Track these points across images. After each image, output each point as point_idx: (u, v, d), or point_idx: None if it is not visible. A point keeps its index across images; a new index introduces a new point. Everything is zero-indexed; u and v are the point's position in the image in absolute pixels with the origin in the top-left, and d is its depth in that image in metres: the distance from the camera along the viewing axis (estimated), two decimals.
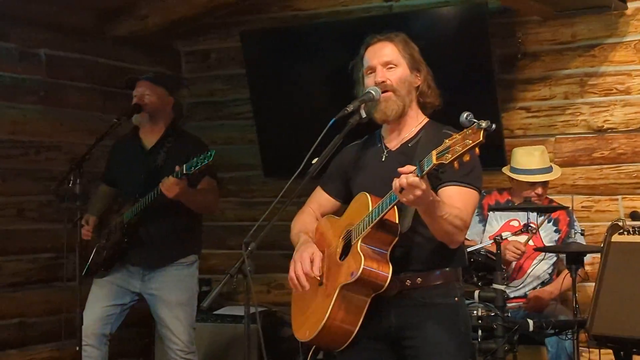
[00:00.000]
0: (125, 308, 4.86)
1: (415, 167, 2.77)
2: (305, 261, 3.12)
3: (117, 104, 5.90)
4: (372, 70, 3.21)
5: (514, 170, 5.10)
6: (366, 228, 3.02)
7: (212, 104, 6.74)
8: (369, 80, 3.21)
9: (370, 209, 3.04)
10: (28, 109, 5.66)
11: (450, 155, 2.67)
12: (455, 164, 2.69)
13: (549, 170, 5.10)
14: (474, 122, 2.65)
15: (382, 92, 3.15)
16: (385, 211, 2.96)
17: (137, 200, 4.66)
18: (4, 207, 5.53)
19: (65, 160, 5.62)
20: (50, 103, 5.78)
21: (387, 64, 3.19)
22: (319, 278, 3.13)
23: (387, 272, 3.00)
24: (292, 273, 3.14)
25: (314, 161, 3.05)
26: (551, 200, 5.19)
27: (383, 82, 3.16)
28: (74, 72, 5.93)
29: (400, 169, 2.81)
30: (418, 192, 2.76)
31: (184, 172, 4.36)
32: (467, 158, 2.68)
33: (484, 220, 5.18)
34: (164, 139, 4.83)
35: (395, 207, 2.96)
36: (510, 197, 5.17)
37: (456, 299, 3.19)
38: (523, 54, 5.68)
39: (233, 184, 6.62)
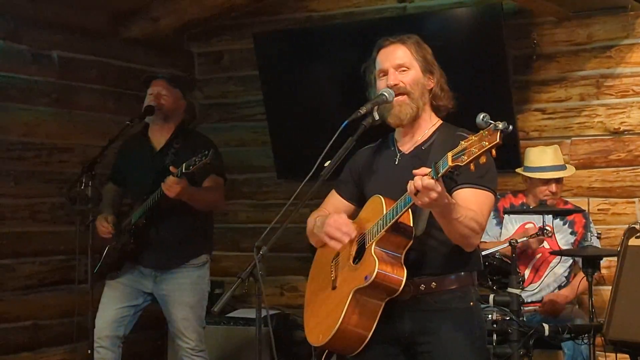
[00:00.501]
0: (138, 309, 4.86)
1: (430, 169, 2.74)
2: (339, 220, 3.08)
3: (129, 105, 5.91)
4: (385, 73, 3.18)
5: (527, 169, 5.08)
6: (380, 231, 2.99)
7: (225, 105, 6.72)
8: (382, 83, 3.18)
9: (385, 212, 3.01)
10: (40, 110, 5.66)
11: (466, 157, 2.64)
12: (472, 166, 2.66)
13: (562, 167, 5.08)
14: (491, 123, 2.62)
15: (396, 96, 3.12)
16: (399, 214, 2.93)
17: (145, 201, 4.65)
18: (16, 210, 5.52)
19: (77, 162, 5.59)
20: (62, 105, 5.77)
21: (400, 66, 3.16)
22: (334, 277, 3.10)
23: (402, 275, 2.97)
24: (328, 231, 3.08)
25: (326, 164, 3.03)
26: (566, 202, 5.15)
27: (396, 85, 3.13)
28: (86, 73, 5.93)
29: (415, 171, 2.78)
30: (434, 195, 2.73)
31: (183, 171, 4.35)
32: (484, 160, 2.65)
33: (500, 223, 5.15)
34: (172, 139, 4.82)
35: (409, 210, 2.93)
36: (525, 199, 5.14)
37: (471, 303, 3.15)
38: (538, 55, 5.63)
39: (246, 185, 6.61)
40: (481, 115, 2.66)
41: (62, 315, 5.63)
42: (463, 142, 2.67)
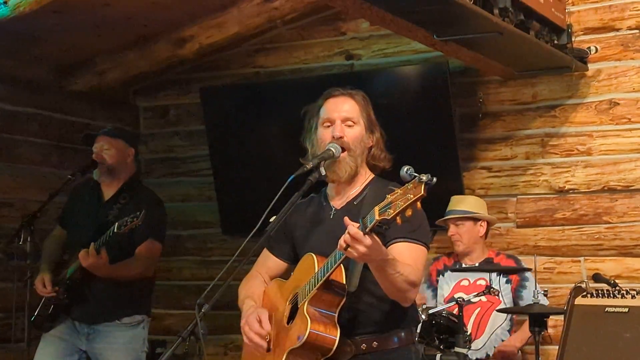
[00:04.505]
0: None
1: (359, 225, 2.71)
2: (253, 324, 3.04)
3: (72, 160, 5.84)
4: (331, 123, 3.15)
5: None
6: (312, 289, 2.94)
7: (171, 160, 6.66)
8: (325, 133, 3.14)
9: (316, 269, 2.97)
10: None
11: (392, 211, 2.62)
12: (398, 219, 2.64)
13: (467, 212, 5.10)
14: (415, 176, 2.62)
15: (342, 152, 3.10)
16: (330, 271, 2.89)
17: None
18: None
19: (17, 217, 5.46)
20: (3, 158, 5.67)
21: (347, 119, 3.14)
22: (269, 338, 3.04)
23: (335, 335, 2.92)
24: (245, 339, 3.06)
25: (272, 219, 2.98)
26: (509, 256, 5.16)
27: (341, 137, 3.10)
28: (28, 126, 5.83)
29: (345, 220, 2.75)
30: (362, 249, 2.70)
31: (114, 231, 4.30)
32: (410, 213, 2.63)
33: (432, 286, 5.18)
34: (119, 193, 4.73)
35: (342, 266, 2.90)
36: (457, 259, 5.17)
37: None
38: (484, 113, 5.69)
39: (191, 241, 6.53)
40: (405, 168, 2.66)
41: None
42: (389, 196, 2.66)
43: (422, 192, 2.57)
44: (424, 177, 2.58)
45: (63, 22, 5.17)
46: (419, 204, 2.60)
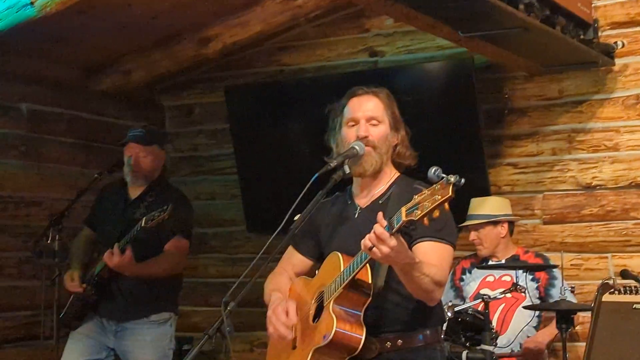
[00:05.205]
0: None
1: (385, 224, 2.70)
2: (280, 314, 3.03)
3: (98, 158, 5.87)
4: (355, 122, 3.14)
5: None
6: (338, 288, 2.94)
7: (196, 158, 6.69)
8: (350, 132, 3.14)
9: (342, 268, 2.97)
10: (8, 163, 5.58)
11: (419, 212, 2.61)
12: (425, 221, 2.63)
13: (485, 217, 5.07)
14: (443, 177, 2.60)
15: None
16: (356, 271, 2.88)
17: None
18: None
19: (45, 215, 5.51)
20: (31, 158, 5.71)
21: (371, 119, 3.13)
22: (295, 336, 3.05)
23: (361, 334, 2.92)
24: (270, 328, 3.05)
25: (296, 217, 2.99)
26: (537, 255, 5.12)
27: (366, 137, 3.10)
28: (55, 126, 5.88)
29: (378, 219, 2.74)
30: (386, 249, 2.69)
31: (142, 225, 4.31)
32: (437, 214, 2.62)
33: (454, 286, 5.17)
34: (147, 192, 4.76)
35: (367, 266, 2.90)
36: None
37: None
38: (510, 109, 5.66)
39: (216, 239, 6.55)
40: (433, 169, 2.64)
41: None
42: (416, 197, 2.65)
43: (450, 194, 2.56)
44: (452, 178, 2.57)
45: (88, 23, 5.21)
46: (446, 205, 2.59)
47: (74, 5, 4.46)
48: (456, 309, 4.51)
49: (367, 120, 3.12)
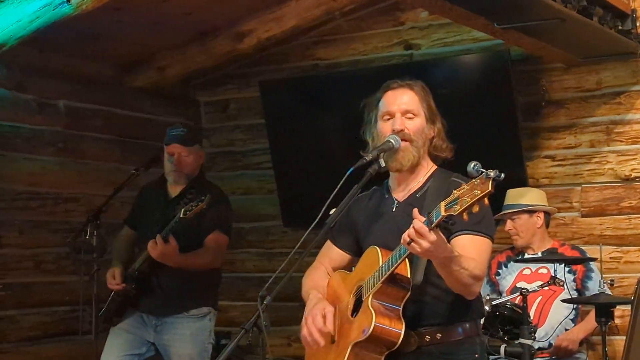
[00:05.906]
0: (141, 359, 4.76)
1: (424, 219, 2.70)
2: (317, 318, 3.02)
3: (135, 154, 5.89)
4: (391, 116, 3.13)
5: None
6: (376, 283, 2.93)
7: (232, 154, 6.71)
8: (385, 126, 3.13)
9: (381, 263, 2.96)
10: (46, 160, 5.64)
11: (459, 207, 2.60)
12: (464, 215, 2.62)
13: (524, 206, 5.02)
14: (482, 171, 2.58)
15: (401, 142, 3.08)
16: (395, 265, 2.87)
17: None
18: (21, 260, 5.47)
19: (83, 211, 5.58)
20: (68, 154, 5.76)
21: (407, 112, 3.11)
22: (332, 334, 3.04)
23: (400, 328, 2.91)
24: (304, 331, 3.04)
25: (332, 211, 2.98)
26: (574, 247, 5.08)
27: (402, 130, 3.08)
28: (92, 123, 5.92)
29: (414, 216, 2.73)
30: (425, 244, 2.69)
31: (181, 216, 4.34)
32: (476, 209, 2.60)
33: (490, 281, 5.14)
34: (187, 189, 4.77)
35: (406, 260, 2.89)
36: (519, 251, 5.14)
37: (476, 355, 3.08)
38: (547, 101, 5.61)
39: (253, 234, 6.57)
40: (472, 164, 2.62)
41: None
42: (455, 192, 2.63)
43: (490, 189, 2.55)
44: (492, 173, 2.55)
45: (124, 19, 5.24)
46: (486, 199, 2.58)
47: (109, 2, 4.48)
48: (493, 302, 4.48)
49: (402, 114, 3.10)
